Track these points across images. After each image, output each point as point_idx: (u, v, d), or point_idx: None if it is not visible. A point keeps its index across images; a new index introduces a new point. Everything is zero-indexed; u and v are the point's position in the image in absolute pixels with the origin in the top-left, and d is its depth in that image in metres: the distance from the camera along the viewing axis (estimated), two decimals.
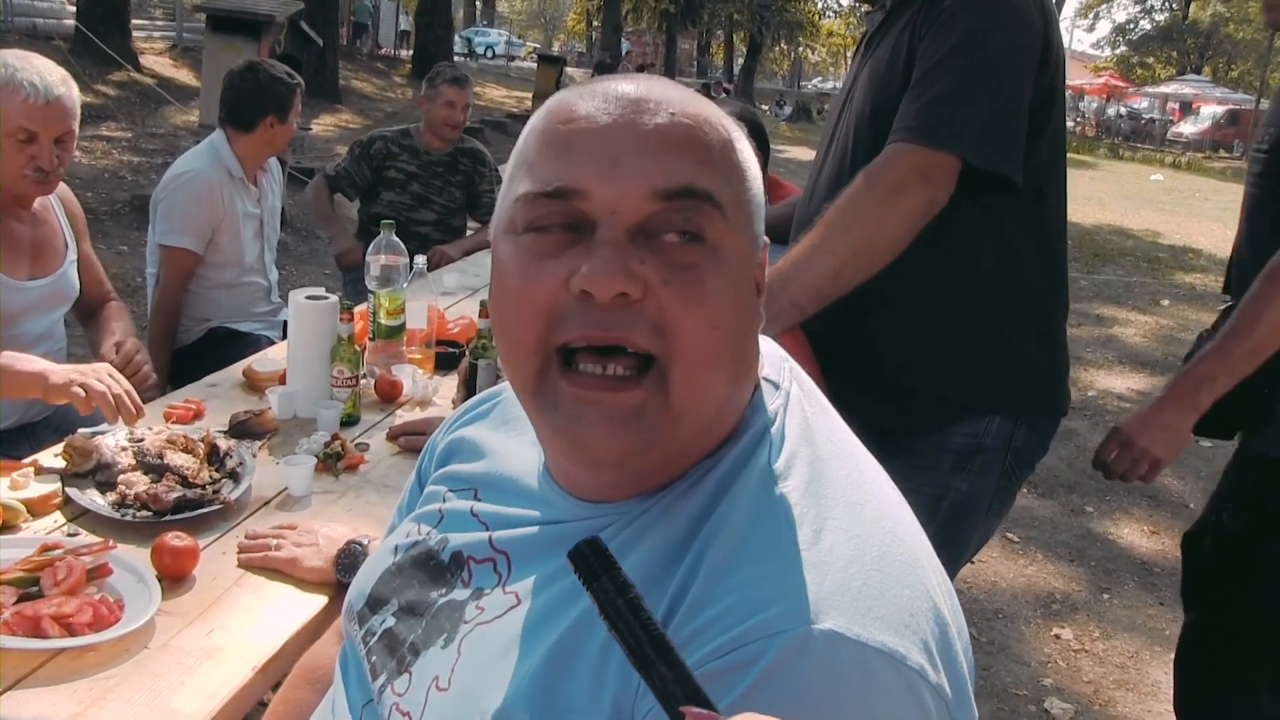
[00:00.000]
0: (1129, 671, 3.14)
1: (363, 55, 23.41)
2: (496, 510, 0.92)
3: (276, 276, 3.55)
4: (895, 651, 0.68)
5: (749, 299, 0.81)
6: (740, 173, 0.81)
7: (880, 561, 0.73)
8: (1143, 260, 11.04)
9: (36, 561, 1.43)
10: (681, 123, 0.78)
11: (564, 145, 0.78)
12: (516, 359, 0.80)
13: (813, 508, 0.75)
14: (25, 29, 13.95)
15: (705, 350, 0.76)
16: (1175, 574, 3.82)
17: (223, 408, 2.23)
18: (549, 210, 0.77)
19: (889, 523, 0.78)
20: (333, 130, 13.86)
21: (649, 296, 0.75)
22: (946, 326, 1.74)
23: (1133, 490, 4.59)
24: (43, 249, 2.38)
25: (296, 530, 1.66)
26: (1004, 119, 1.61)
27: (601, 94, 0.80)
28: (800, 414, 0.85)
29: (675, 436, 0.78)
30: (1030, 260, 1.75)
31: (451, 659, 0.84)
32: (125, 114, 11.66)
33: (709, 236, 0.77)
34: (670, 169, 0.76)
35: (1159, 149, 34.62)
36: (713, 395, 0.79)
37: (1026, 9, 1.64)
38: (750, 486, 0.77)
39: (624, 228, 0.75)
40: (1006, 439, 1.75)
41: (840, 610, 0.68)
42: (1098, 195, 16.81)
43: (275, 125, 3.23)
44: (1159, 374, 6.57)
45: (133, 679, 1.29)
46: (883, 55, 1.77)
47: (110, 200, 8.08)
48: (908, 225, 1.60)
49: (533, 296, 0.77)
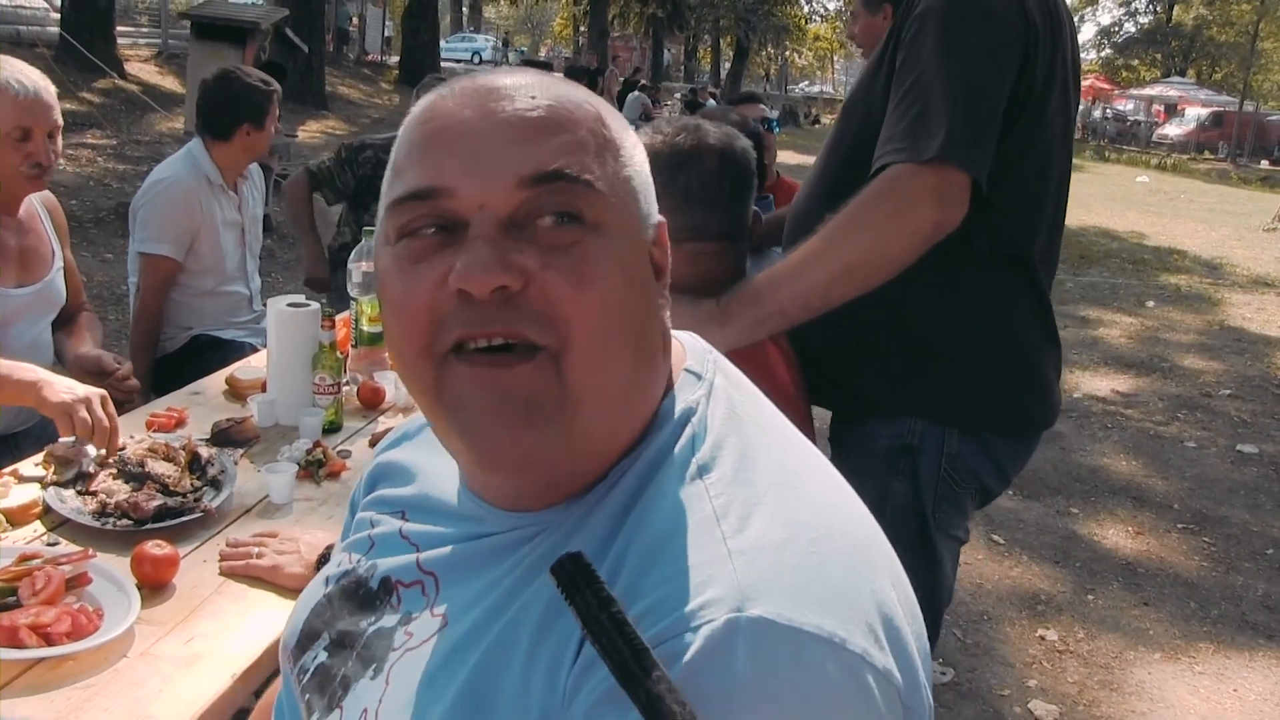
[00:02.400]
0: (1113, 672, 3.15)
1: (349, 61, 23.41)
2: (425, 530, 0.89)
3: (259, 284, 3.54)
4: (834, 635, 0.65)
5: (643, 278, 0.78)
6: (614, 149, 0.78)
7: (817, 544, 0.70)
8: (1128, 262, 11.09)
9: (15, 571, 1.43)
10: (543, 104, 0.75)
11: (426, 146, 0.76)
12: (411, 371, 0.77)
13: (740, 495, 0.72)
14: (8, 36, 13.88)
15: (598, 331, 0.73)
16: (1159, 574, 3.86)
17: (205, 415, 2.22)
18: (418, 214, 0.75)
19: (828, 506, 0.75)
20: (319, 137, 13.86)
21: (531, 285, 0.72)
22: (871, 326, 1.71)
23: (1117, 491, 4.62)
24: (30, 256, 2.37)
25: (278, 538, 1.66)
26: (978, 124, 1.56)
27: (460, 90, 0.78)
28: (725, 402, 0.81)
29: (578, 428, 0.74)
30: (968, 270, 1.69)
31: (380, 689, 0.81)
32: (110, 121, 11.64)
33: (587, 216, 0.73)
34: (534, 154, 0.73)
35: (1144, 151, 34.81)
36: (614, 378, 0.75)
37: (1000, 9, 1.59)
38: (671, 480, 0.74)
39: (496, 221, 0.72)
40: (938, 443, 1.72)
41: (770, 596, 0.65)
42: (1083, 197, 16.87)
43: (252, 132, 3.22)
44: (1143, 375, 6.60)
45: (111, 688, 1.29)
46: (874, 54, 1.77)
47: (95, 208, 8.06)
48: (912, 245, 1.54)
49: (412, 303, 0.74)
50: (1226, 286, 10.10)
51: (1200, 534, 4.24)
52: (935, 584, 1.80)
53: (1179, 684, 3.11)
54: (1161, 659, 3.24)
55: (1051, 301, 1.81)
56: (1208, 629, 3.44)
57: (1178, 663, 3.23)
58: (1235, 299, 9.44)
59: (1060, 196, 1.79)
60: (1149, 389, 6.32)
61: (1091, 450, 5.10)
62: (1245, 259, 11.83)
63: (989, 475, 1.79)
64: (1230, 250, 12.46)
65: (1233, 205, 18.05)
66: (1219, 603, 3.64)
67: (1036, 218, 1.75)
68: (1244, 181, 24.55)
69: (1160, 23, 49.77)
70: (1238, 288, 10.07)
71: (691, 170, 1.65)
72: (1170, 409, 5.91)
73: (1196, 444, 5.34)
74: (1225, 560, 4.00)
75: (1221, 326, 8.27)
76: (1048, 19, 1.65)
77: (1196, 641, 3.37)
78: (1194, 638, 3.39)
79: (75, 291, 2.60)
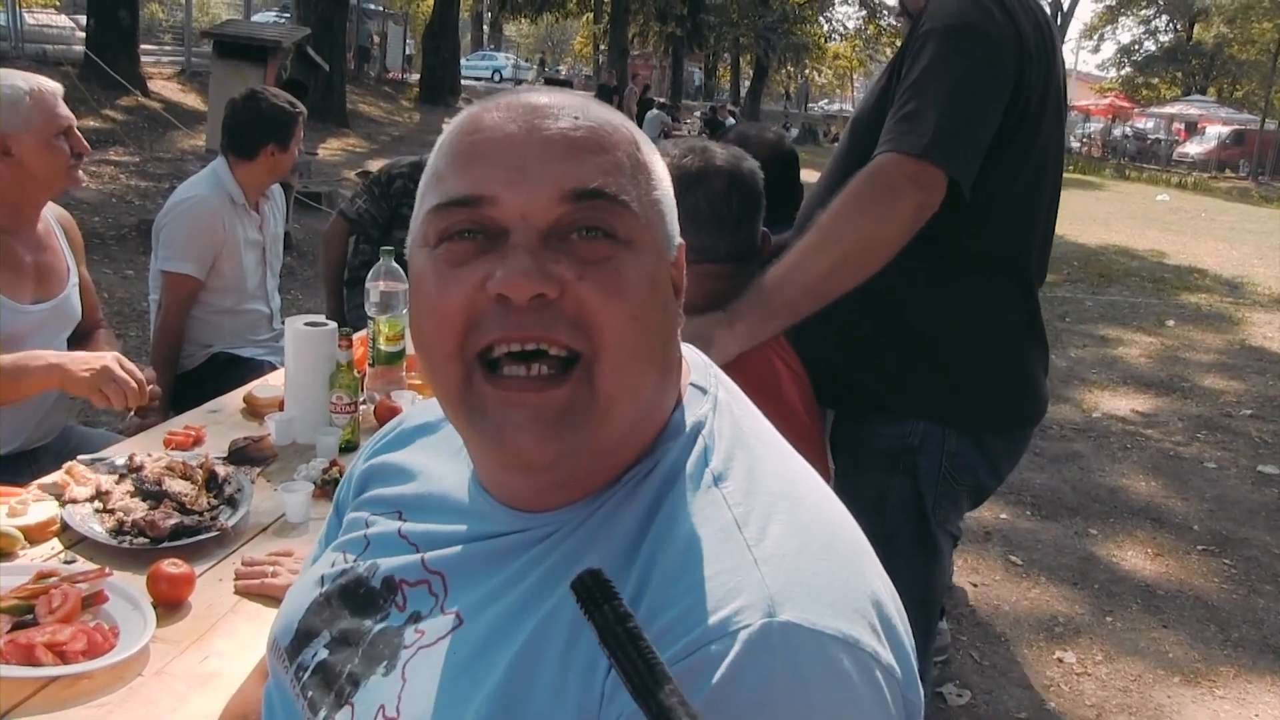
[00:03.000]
0: (1132, 695, 3.12)
1: (370, 79, 23.59)
2: (426, 529, 0.91)
3: (279, 303, 3.57)
4: (850, 636, 0.70)
5: (666, 296, 0.82)
6: (646, 173, 0.82)
7: (825, 551, 0.75)
8: (1148, 281, 11.02)
9: (31, 589, 1.44)
10: (585, 125, 0.79)
11: (470, 155, 0.79)
12: (438, 370, 0.80)
13: (755, 505, 0.76)
14: (35, 55, 14.12)
15: (627, 341, 0.77)
16: (1179, 596, 3.82)
17: (223, 434, 2.24)
18: (460, 219, 0.78)
19: (827, 514, 0.80)
20: (340, 154, 13.97)
21: (566, 294, 0.75)
22: (874, 331, 1.81)
23: (1137, 512, 4.58)
24: (46, 272, 2.41)
25: (293, 557, 1.67)
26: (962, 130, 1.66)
27: (505, 105, 0.81)
28: (730, 416, 0.86)
29: (604, 434, 0.78)
30: (961, 272, 1.79)
31: (396, 686, 0.83)
32: (133, 139, 11.77)
33: (620, 233, 0.77)
34: (576, 172, 0.77)
35: (1165, 169, 34.63)
36: (640, 388, 0.79)
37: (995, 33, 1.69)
38: (689, 490, 0.78)
39: (536, 231, 0.76)
40: (938, 442, 1.81)
41: (795, 601, 0.69)
42: (1103, 216, 16.82)
43: (277, 153, 3.26)
44: (1163, 395, 6.55)
45: (126, 706, 1.30)
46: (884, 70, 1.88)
47: (117, 225, 8.14)
48: (902, 226, 1.65)
49: (449, 304, 0.77)
50: (1247, 305, 10.02)
51: (1220, 556, 4.19)
52: (933, 577, 1.90)
53: (1199, 708, 3.07)
54: (1181, 682, 3.20)
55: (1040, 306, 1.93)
56: (1228, 652, 3.40)
57: (1198, 686, 3.19)
58: (1256, 318, 9.37)
59: (1052, 207, 1.91)
60: (1169, 409, 6.28)
61: (1111, 470, 5.06)
62: (1267, 277, 11.74)
63: (984, 472, 1.88)
64: (1251, 269, 12.37)
65: (1254, 224, 17.92)
66: (1240, 625, 3.60)
67: (1031, 227, 1.86)
68: (1265, 200, 24.38)
69: (1181, 41, 49.62)
70: (1259, 306, 10.00)
71: (699, 192, 1.68)
72: (1190, 429, 5.86)
73: (1217, 464, 5.29)
74: (1246, 583, 3.96)
75: (1242, 346, 8.20)
76: (1041, 46, 1.76)
77: (1217, 665, 3.33)
78: (1214, 661, 3.35)
79: (91, 308, 2.63)
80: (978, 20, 1.70)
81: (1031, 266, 1.89)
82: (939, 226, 1.68)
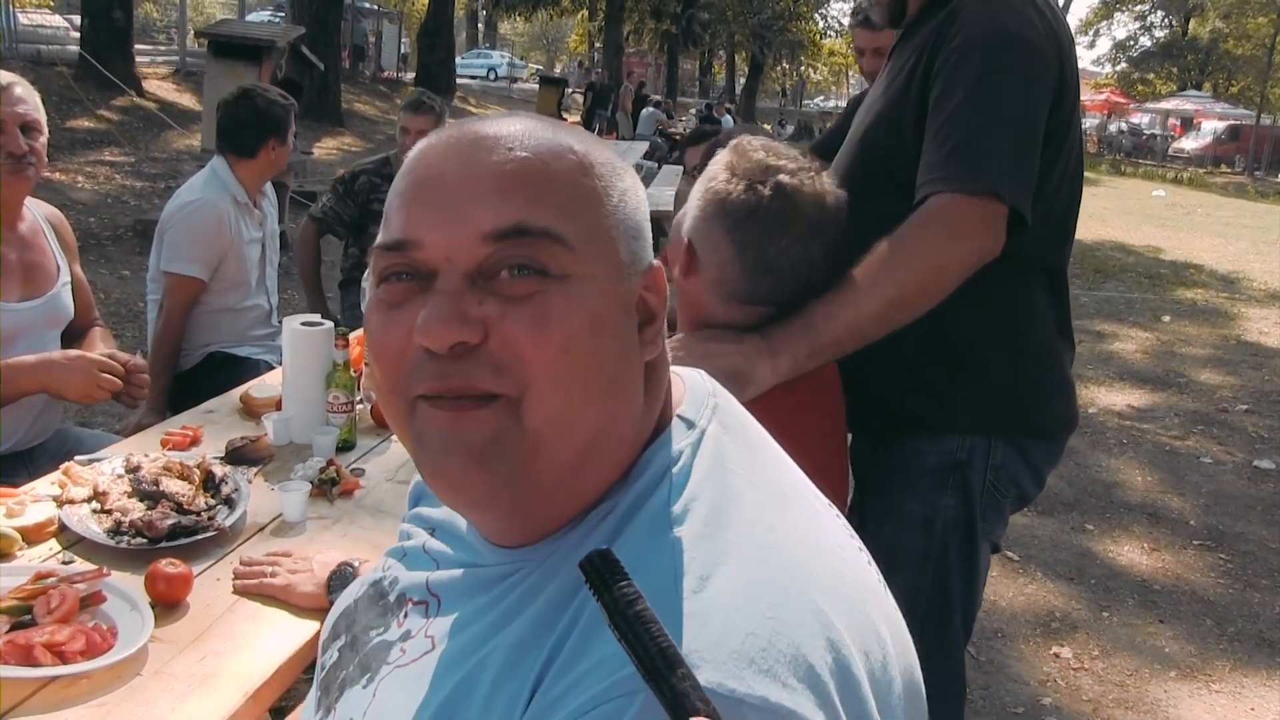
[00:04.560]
0: (1128, 690, 3.13)
1: (365, 78, 23.56)
2: (443, 550, 0.92)
3: (277, 300, 3.58)
4: (779, 707, 0.64)
5: (617, 325, 0.78)
6: (595, 198, 0.79)
7: (777, 608, 0.69)
8: (1144, 276, 11.04)
9: (30, 590, 1.44)
10: (517, 158, 0.77)
11: (407, 196, 0.79)
12: (387, 404, 0.80)
13: (704, 552, 0.72)
14: (29, 55, 14.07)
15: (556, 374, 0.74)
16: (1175, 591, 3.84)
17: (220, 434, 2.24)
18: (394, 262, 0.78)
19: (798, 567, 0.74)
20: (335, 154, 13.96)
21: (491, 335, 0.74)
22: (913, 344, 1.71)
23: (1133, 508, 4.59)
24: (33, 271, 2.40)
25: (291, 557, 1.67)
26: (1023, 159, 1.60)
27: (447, 139, 0.80)
28: (713, 451, 0.81)
29: (543, 469, 0.76)
30: (1006, 281, 1.72)
31: (367, 701, 0.84)
32: (128, 139, 11.74)
33: (553, 269, 0.75)
34: (500, 209, 0.75)
35: (1161, 165, 34.67)
36: (577, 422, 0.76)
37: (1039, 41, 1.62)
38: (642, 530, 0.75)
39: (461, 273, 0.75)
40: (984, 455, 1.76)
41: (715, 663, 0.64)
42: (1100, 212, 16.83)
43: (276, 148, 3.28)
44: (1159, 390, 6.57)
45: (125, 706, 1.30)
46: (888, 79, 1.79)
47: (113, 225, 8.13)
48: (962, 273, 1.58)
49: (386, 347, 0.77)
50: (1243, 301, 10.04)
51: (1216, 550, 4.21)
52: (974, 591, 1.85)
53: (1195, 702, 3.09)
54: (1177, 677, 3.22)
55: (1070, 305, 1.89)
56: (1224, 646, 3.42)
57: (1194, 681, 3.20)
58: (1252, 313, 9.39)
59: (1077, 205, 1.85)
60: (1165, 404, 6.29)
61: (1107, 466, 5.08)
62: (1262, 273, 11.76)
63: (1027, 481, 1.83)
64: (1247, 264, 12.40)
65: (1250, 219, 17.95)
66: (1235, 620, 3.62)
67: (1065, 230, 1.82)
68: (1261, 195, 24.43)
69: (1176, 36, 49.66)
70: (1255, 302, 10.02)
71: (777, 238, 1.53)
72: (1186, 424, 5.87)
73: (1213, 460, 5.31)
74: (1242, 577, 3.98)
75: (1238, 341, 8.22)
76: (1070, 47, 1.70)
77: (1213, 659, 3.34)
78: (1210, 655, 3.37)
79: (86, 307, 2.63)
80: (1018, 29, 1.61)
81: (1065, 266, 1.85)
82: None
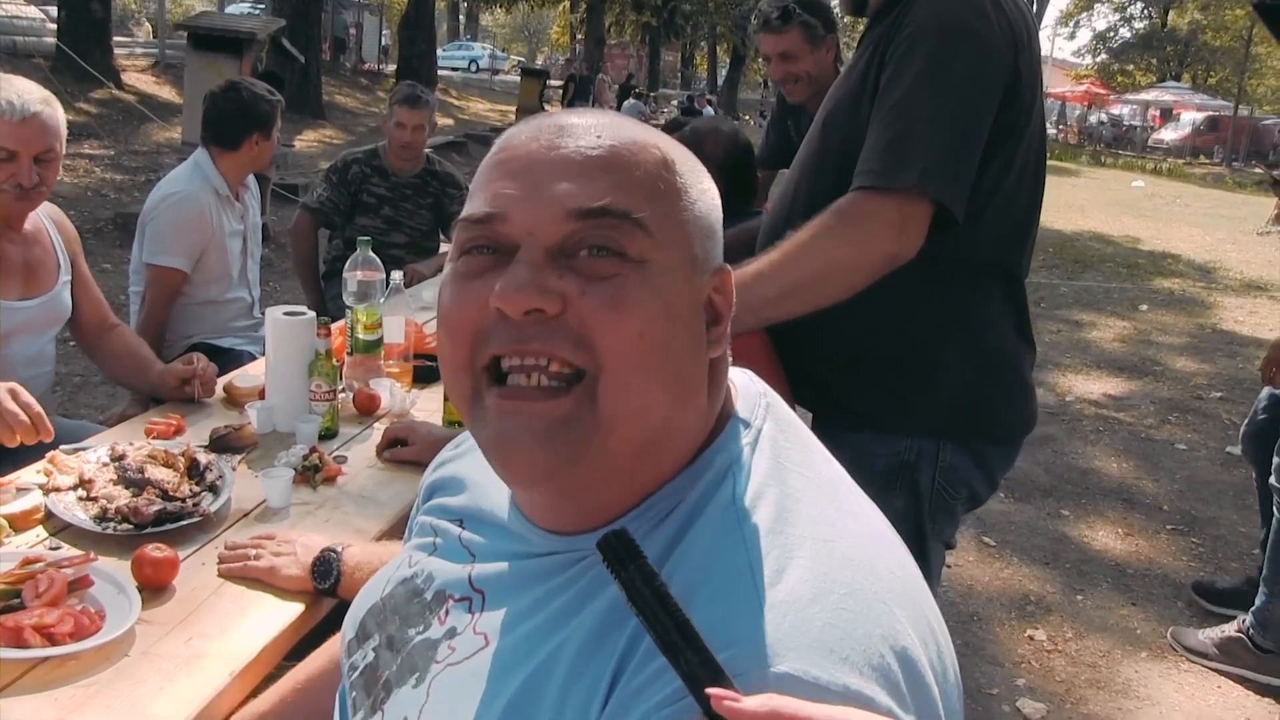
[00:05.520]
0: (1100, 670, 3.19)
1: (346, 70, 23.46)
2: (479, 540, 0.93)
3: (259, 292, 3.60)
4: (859, 694, 0.66)
5: (686, 316, 0.80)
6: (674, 192, 0.82)
7: (847, 600, 0.71)
8: (1122, 266, 11.13)
9: (18, 574, 1.47)
10: (605, 144, 0.80)
11: (493, 173, 0.81)
12: (452, 383, 0.82)
13: (777, 545, 0.74)
14: (5, 46, 13.94)
15: (631, 357, 0.76)
16: (1148, 574, 3.90)
17: (204, 423, 2.27)
18: (476, 235, 0.80)
19: (862, 559, 0.76)
20: (316, 146, 13.91)
21: (569, 309, 0.75)
22: (864, 344, 1.73)
23: (1108, 493, 4.66)
24: (35, 270, 2.42)
25: (275, 540, 1.70)
26: (961, 152, 1.57)
27: (538, 125, 0.83)
28: (771, 450, 0.83)
29: (609, 452, 0.77)
30: (959, 283, 1.72)
31: (421, 700, 0.85)
32: (107, 132, 11.68)
33: (631, 253, 0.77)
34: (587, 190, 0.77)
35: (1140, 155, 34.86)
36: (647, 408, 0.77)
37: (990, 35, 1.58)
38: (713, 524, 0.77)
39: (542, 248, 0.77)
40: (933, 457, 1.74)
41: (798, 652, 0.66)
42: (1079, 202, 16.94)
43: (260, 142, 3.30)
44: (1135, 379, 6.65)
45: (113, 686, 1.33)
46: (851, 66, 1.76)
47: (93, 218, 8.09)
48: (865, 274, 1.58)
49: (460, 317, 0.80)
50: (1219, 290, 10.14)
51: (1189, 534, 4.28)
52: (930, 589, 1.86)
53: (1165, 681, 3.15)
54: (1148, 657, 3.28)
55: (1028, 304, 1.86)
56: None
57: (1164, 661, 3.27)
58: (1228, 302, 9.49)
59: (1038, 205, 1.82)
60: (1140, 392, 6.37)
61: (1083, 453, 5.14)
62: (1239, 262, 11.88)
63: (979, 483, 1.83)
64: (1224, 254, 12.51)
65: (1228, 209, 18.09)
66: None
67: (1024, 230, 1.79)
68: (1239, 186, 24.58)
69: (1155, 28, 49.94)
70: (1230, 291, 10.12)
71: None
72: (1161, 412, 5.95)
73: (1187, 446, 5.38)
74: (1213, 560, 4.05)
75: (1213, 330, 8.31)
76: (1028, 41, 1.66)
77: None
78: None
79: (95, 303, 2.62)
80: (968, 22, 1.57)
81: (1023, 267, 1.82)
82: (937, 242, 1.60)
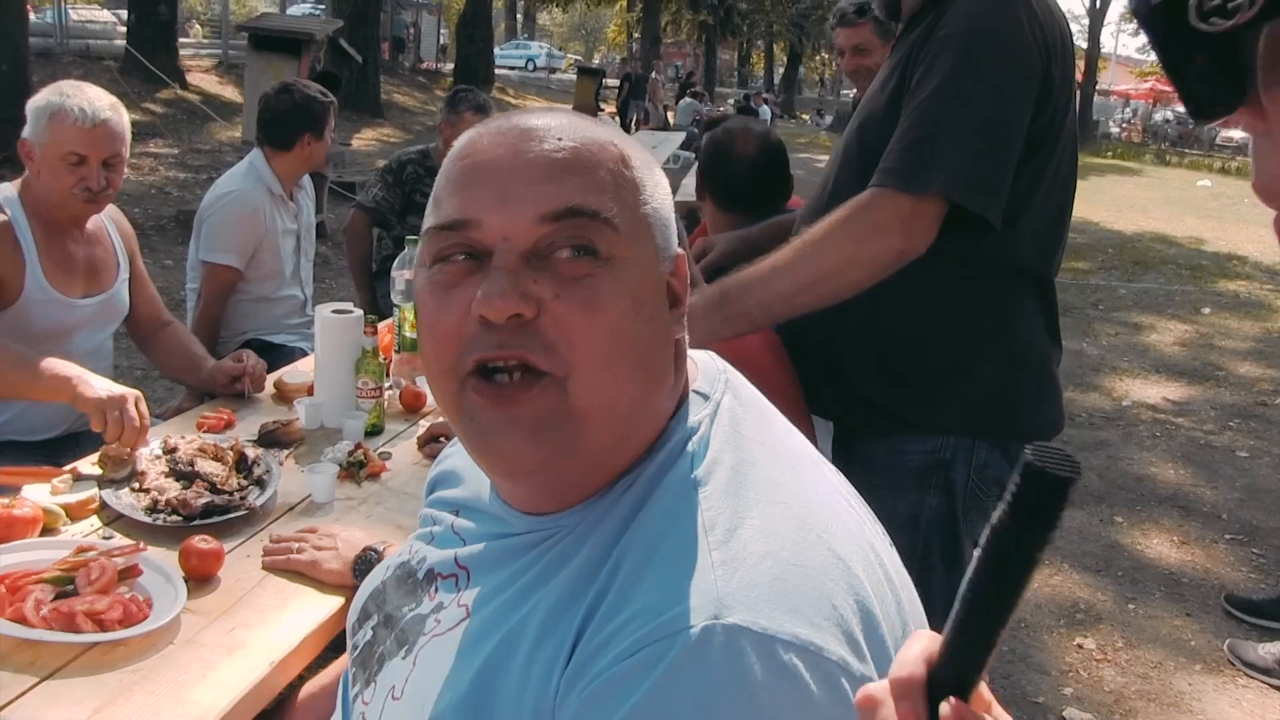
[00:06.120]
0: (1151, 682, 3.13)
1: (404, 69, 23.72)
2: (469, 526, 0.98)
3: (313, 289, 3.66)
4: (809, 643, 0.69)
5: (653, 308, 0.84)
6: (634, 188, 0.85)
7: (798, 555, 0.74)
8: (1184, 268, 10.89)
9: (72, 562, 1.52)
10: (567, 147, 0.82)
11: (461, 180, 0.84)
12: (438, 385, 0.85)
13: (728, 508, 0.77)
14: (79, 50, 14.37)
15: (602, 356, 0.79)
16: (1204, 585, 3.82)
17: (253, 417, 2.32)
18: (450, 242, 0.83)
19: (816, 520, 0.79)
20: (374, 144, 14.09)
21: (544, 313, 0.79)
22: (900, 344, 1.74)
23: (1164, 500, 4.57)
24: (97, 268, 2.50)
25: (317, 534, 1.74)
26: (990, 158, 1.58)
27: (497, 129, 0.85)
28: (729, 420, 0.87)
29: (588, 443, 0.81)
30: (994, 285, 1.73)
31: (408, 670, 0.89)
32: (172, 131, 11.95)
33: (601, 250, 0.80)
34: (555, 193, 0.80)
35: (1207, 154, 34.01)
36: (619, 400, 0.81)
37: (1024, 43, 1.59)
38: (670, 492, 0.80)
39: (517, 253, 0.80)
40: (967, 455, 1.76)
41: (747, 604, 0.70)
42: (1141, 202, 16.60)
43: (312, 143, 3.35)
44: (1195, 383, 6.50)
45: (158, 672, 1.37)
46: (885, 69, 1.78)
47: (156, 215, 8.29)
48: (875, 269, 1.60)
49: (443, 324, 0.82)
50: None
51: (1249, 545, 4.18)
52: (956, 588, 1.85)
53: (1221, 696, 3.08)
54: (1202, 670, 3.21)
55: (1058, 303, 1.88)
56: (1253, 641, 3.40)
57: (1219, 675, 3.19)
58: None
59: (1069, 208, 1.84)
60: (1200, 397, 6.23)
61: (1139, 458, 5.05)
62: None
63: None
64: None
65: None
66: None
67: (1057, 235, 1.80)
68: None
69: None
70: None
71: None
72: (1222, 417, 5.81)
73: (1249, 453, 5.25)
74: (1275, 573, 3.94)
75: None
76: (1062, 49, 1.66)
77: None
78: None
79: (150, 300, 2.69)
80: (1000, 28, 1.58)
81: (1054, 268, 1.83)
82: (968, 244, 1.62)
